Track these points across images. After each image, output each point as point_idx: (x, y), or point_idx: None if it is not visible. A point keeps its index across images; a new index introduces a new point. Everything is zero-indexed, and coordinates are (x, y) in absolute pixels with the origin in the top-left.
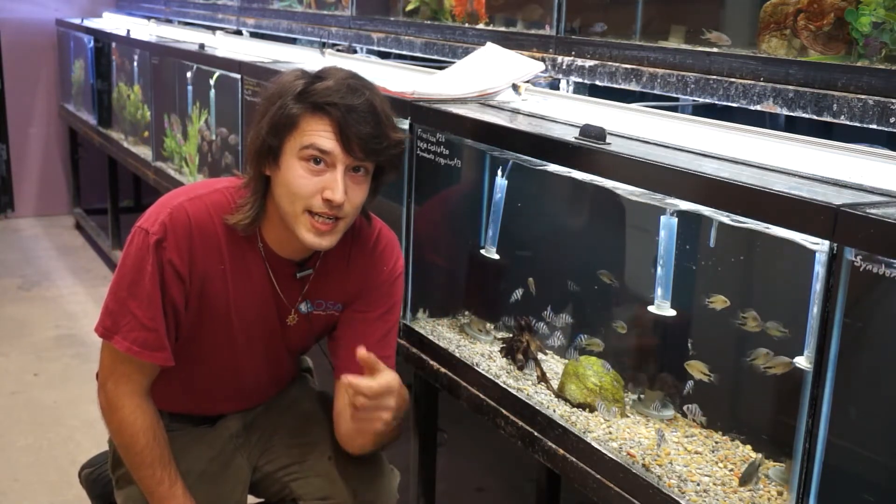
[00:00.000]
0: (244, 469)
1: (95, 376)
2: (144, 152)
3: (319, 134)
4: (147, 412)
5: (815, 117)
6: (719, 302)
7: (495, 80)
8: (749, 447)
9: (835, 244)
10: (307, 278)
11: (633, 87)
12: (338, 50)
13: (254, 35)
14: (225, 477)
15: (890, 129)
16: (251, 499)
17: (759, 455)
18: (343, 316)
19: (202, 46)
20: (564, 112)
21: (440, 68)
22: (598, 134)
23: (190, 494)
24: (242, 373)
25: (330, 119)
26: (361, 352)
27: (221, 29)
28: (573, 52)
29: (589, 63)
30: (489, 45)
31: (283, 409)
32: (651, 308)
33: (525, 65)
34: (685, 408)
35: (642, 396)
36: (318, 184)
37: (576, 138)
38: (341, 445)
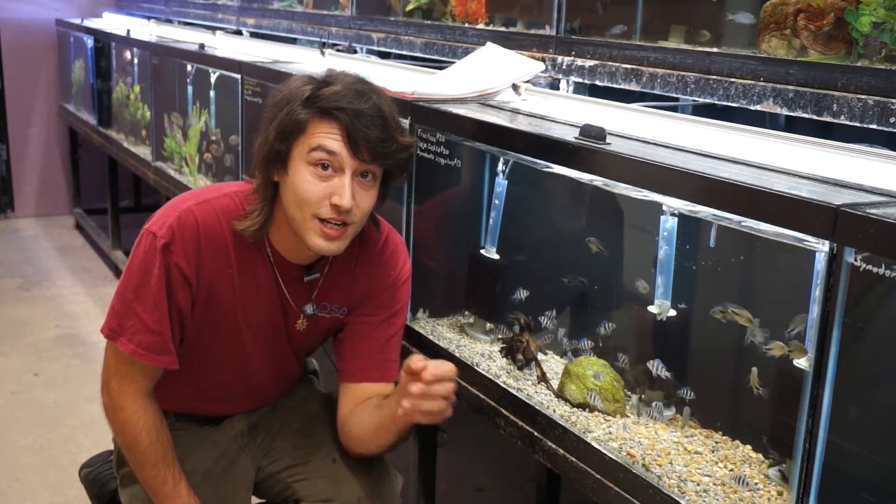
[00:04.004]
0: (248, 469)
1: (100, 376)
2: (144, 152)
3: (327, 136)
4: (150, 412)
5: (815, 117)
6: (717, 313)
7: (495, 80)
8: (749, 447)
9: (835, 244)
10: (315, 282)
11: (633, 87)
12: (338, 50)
13: (254, 35)
14: (229, 477)
15: (890, 129)
16: (254, 499)
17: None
18: (349, 319)
19: (202, 46)
20: (564, 112)
21: (440, 68)
22: (598, 134)
23: (194, 494)
24: (249, 374)
25: (338, 123)
26: (418, 364)
27: (221, 29)
28: (573, 52)
29: (589, 63)
30: (489, 45)
31: (289, 410)
32: (651, 308)
33: (525, 65)
34: (648, 364)
35: (643, 397)
36: (325, 189)
37: (576, 138)
38: (345, 448)
